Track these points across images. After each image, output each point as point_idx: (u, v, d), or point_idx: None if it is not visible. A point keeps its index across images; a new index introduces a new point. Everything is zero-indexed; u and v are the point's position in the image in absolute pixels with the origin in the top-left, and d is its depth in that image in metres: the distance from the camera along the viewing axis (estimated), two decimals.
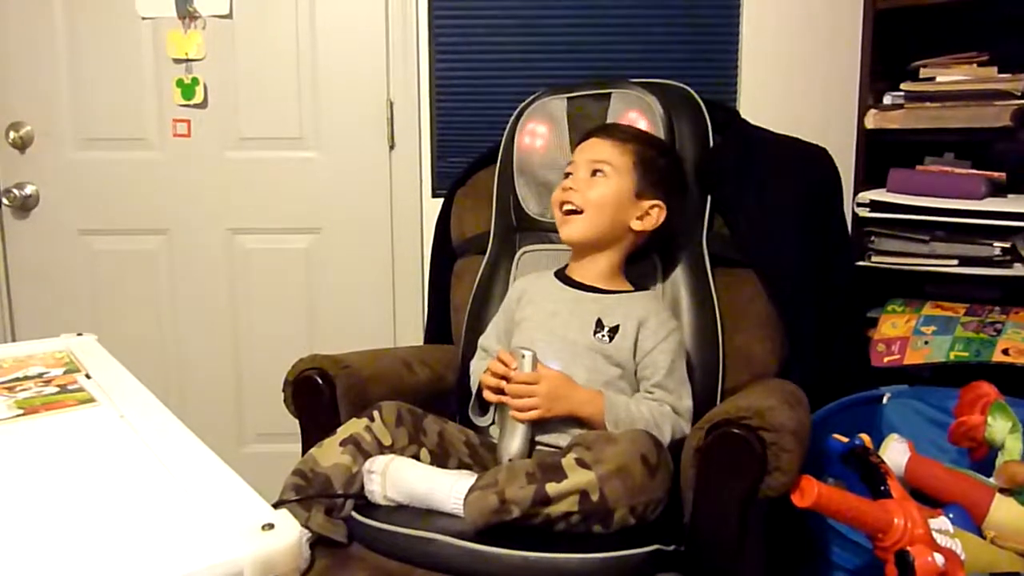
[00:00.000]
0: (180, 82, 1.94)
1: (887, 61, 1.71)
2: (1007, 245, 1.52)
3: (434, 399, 1.42)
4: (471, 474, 1.10)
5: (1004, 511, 1.15)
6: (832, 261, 1.50)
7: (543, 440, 1.23)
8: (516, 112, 1.57)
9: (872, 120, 1.68)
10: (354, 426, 1.16)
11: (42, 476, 0.68)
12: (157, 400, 0.86)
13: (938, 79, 1.62)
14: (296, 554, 0.54)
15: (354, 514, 1.11)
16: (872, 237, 1.67)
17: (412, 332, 2.03)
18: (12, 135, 1.94)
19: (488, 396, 1.26)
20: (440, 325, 1.69)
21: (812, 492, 0.98)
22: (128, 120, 1.96)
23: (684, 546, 1.08)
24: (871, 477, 1.06)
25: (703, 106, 1.48)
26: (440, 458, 1.20)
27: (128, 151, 1.97)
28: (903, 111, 1.66)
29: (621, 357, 1.25)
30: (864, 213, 1.65)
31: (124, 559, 0.53)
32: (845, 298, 1.54)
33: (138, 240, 2.02)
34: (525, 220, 1.53)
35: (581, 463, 1.02)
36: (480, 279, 1.56)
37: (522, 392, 1.20)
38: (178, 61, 1.93)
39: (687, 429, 1.20)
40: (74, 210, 1.99)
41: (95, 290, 2.03)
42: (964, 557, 1.00)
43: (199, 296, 2.04)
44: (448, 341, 1.64)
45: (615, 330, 1.26)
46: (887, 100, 1.71)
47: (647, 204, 1.31)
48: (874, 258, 1.67)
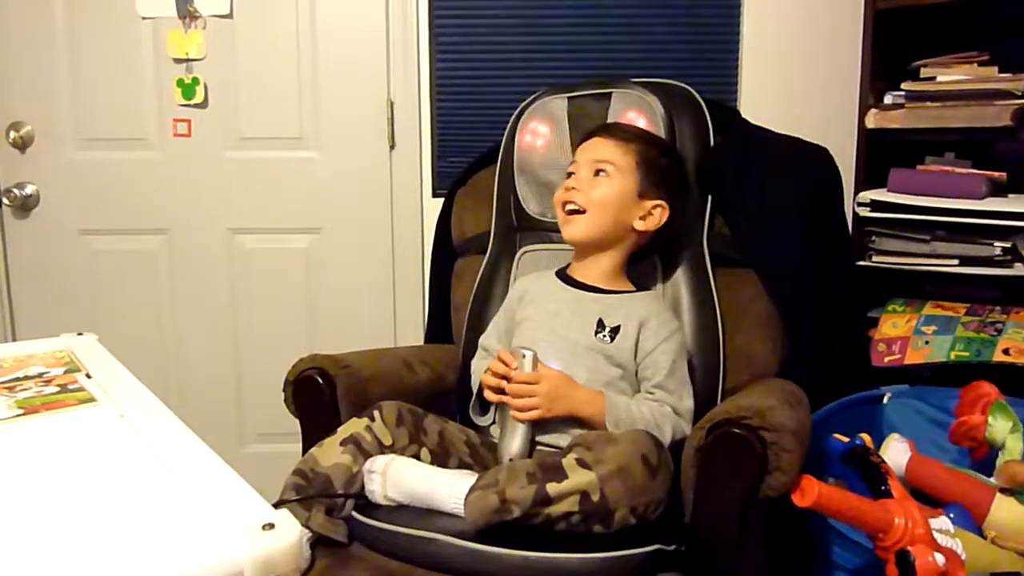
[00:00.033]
0: (180, 82, 1.94)
1: (888, 61, 1.71)
2: (1008, 245, 1.52)
3: (434, 399, 1.42)
4: (471, 474, 1.10)
5: (1005, 511, 1.15)
6: (832, 261, 1.50)
7: (543, 440, 1.23)
8: (517, 112, 1.56)
9: (873, 120, 1.68)
10: (354, 426, 1.16)
11: (42, 476, 0.68)
12: (157, 400, 0.86)
13: (939, 79, 1.62)
14: (296, 554, 0.54)
15: (354, 514, 1.11)
16: (873, 237, 1.67)
17: (412, 332, 2.03)
18: (12, 135, 1.94)
19: (488, 396, 1.25)
20: (440, 325, 1.69)
21: (812, 492, 0.98)
22: (128, 120, 1.96)
23: (685, 546, 1.08)
24: (872, 477, 1.06)
25: (704, 106, 1.48)
26: (440, 458, 1.20)
27: (128, 151, 1.98)
28: (904, 111, 1.66)
29: (622, 357, 1.25)
30: (865, 213, 1.65)
31: (124, 559, 0.53)
32: (845, 298, 1.54)
33: (138, 240, 2.02)
34: (525, 220, 1.53)
35: (582, 463, 1.02)
36: (480, 279, 1.56)
37: (522, 392, 1.20)
38: (178, 61, 1.93)
39: (688, 430, 1.20)
40: (74, 210, 1.99)
41: (95, 290, 2.03)
42: (965, 557, 1.00)
43: (199, 296, 2.04)
44: (448, 341, 1.64)
45: (616, 330, 1.26)
46: (888, 100, 1.71)
47: (650, 204, 1.30)
48: (875, 258, 1.67)
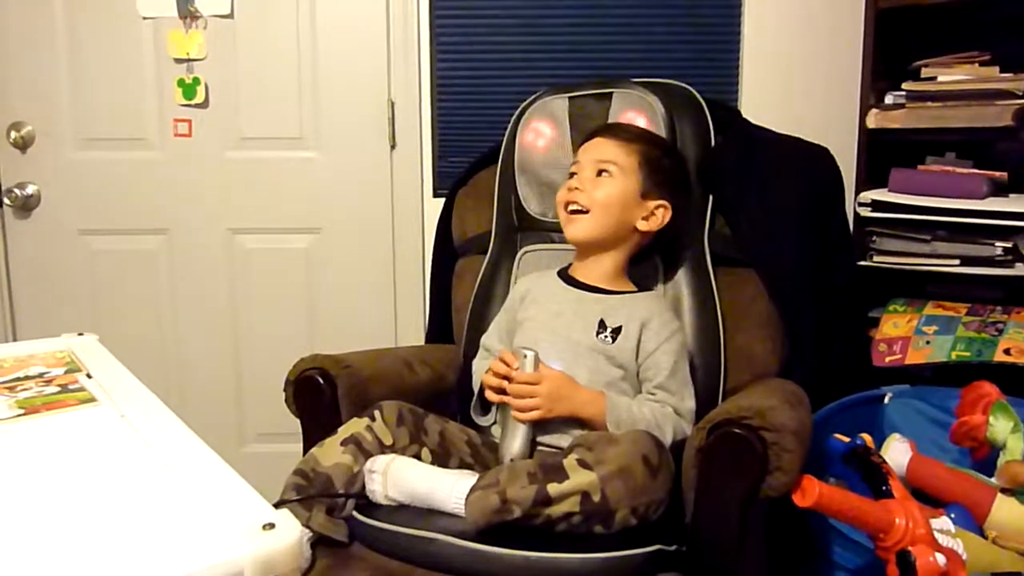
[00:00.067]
0: (181, 82, 1.94)
1: (888, 61, 1.71)
2: (1009, 245, 1.51)
3: (435, 399, 1.42)
4: (472, 474, 1.10)
5: (1006, 511, 1.15)
6: (833, 261, 1.50)
7: (544, 441, 1.23)
8: (517, 112, 1.56)
9: (873, 120, 1.68)
10: (355, 426, 1.16)
11: (43, 476, 0.68)
12: (158, 400, 0.86)
13: (939, 79, 1.62)
14: (297, 554, 0.54)
15: (355, 514, 1.11)
16: (873, 237, 1.67)
17: (413, 332, 2.03)
18: (13, 135, 1.94)
19: (490, 396, 1.25)
20: (441, 325, 1.69)
21: (813, 492, 0.97)
22: (129, 120, 1.96)
23: (686, 546, 1.08)
24: (872, 477, 1.06)
25: (704, 106, 1.48)
26: (441, 458, 1.20)
27: (129, 151, 1.98)
28: (904, 111, 1.66)
29: (624, 358, 1.25)
30: (865, 213, 1.65)
31: (124, 559, 0.53)
32: (846, 298, 1.54)
33: (139, 240, 2.02)
34: (526, 220, 1.53)
35: (583, 464, 1.02)
36: (481, 279, 1.56)
37: (524, 392, 1.20)
38: (179, 61, 1.93)
39: (689, 430, 1.20)
40: (75, 210, 1.99)
41: (96, 290, 2.03)
42: (966, 557, 1.00)
43: (200, 296, 2.04)
44: (449, 341, 1.64)
45: (618, 331, 1.26)
46: (888, 100, 1.71)
47: (652, 204, 1.30)
48: (876, 258, 1.67)
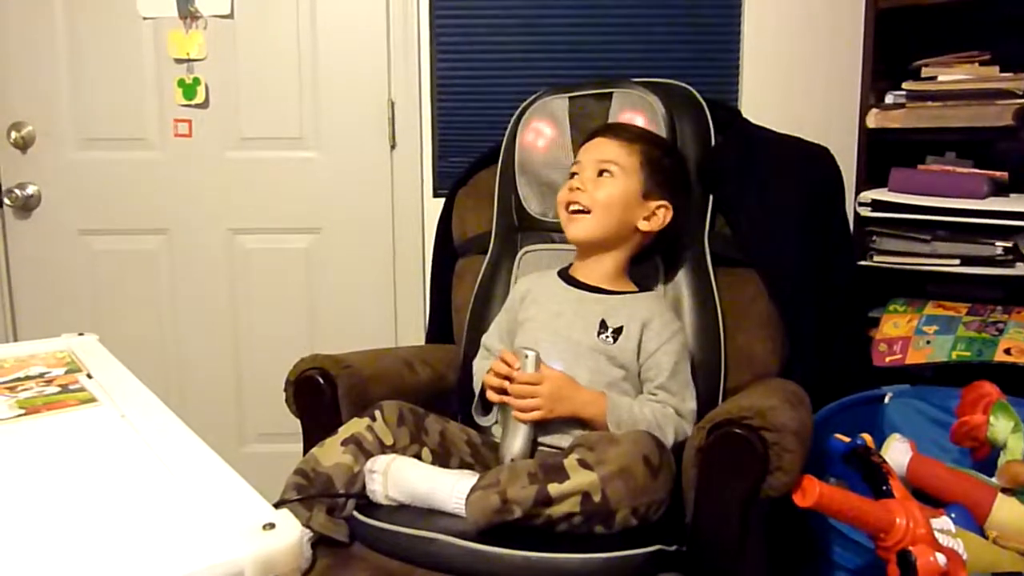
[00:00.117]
0: (181, 82, 1.94)
1: (889, 60, 1.71)
2: (1009, 244, 1.51)
3: (435, 399, 1.42)
4: (473, 474, 1.10)
5: (1006, 511, 1.15)
6: (834, 261, 1.50)
7: (545, 441, 1.22)
8: (517, 112, 1.56)
9: (874, 119, 1.68)
10: (356, 425, 1.16)
11: (43, 476, 0.68)
12: (158, 400, 0.85)
13: (940, 78, 1.62)
14: (297, 554, 0.54)
15: (356, 514, 1.11)
16: (874, 237, 1.67)
17: (413, 332, 2.03)
18: (14, 135, 1.94)
19: (491, 396, 1.25)
20: (441, 325, 1.69)
21: (814, 492, 0.97)
22: (129, 120, 1.96)
23: (686, 546, 1.08)
24: (873, 477, 1.06)
25: (705, 106, 1.48)
26: (442, 458, 1.20)
27: (129, 151, 1.98)
28: (905, 110, 1.66)
29: (625, 358, 1.25)
30: (866, 212, 1.65)
31: (124, 559, 0.53)
32: (847, 298, 1.54)
33: (139, 240, 2.02)
34: (527, 220, 1.53)
35: (583, 464, 1.02)
36: (482, 279, 1.56)
37: (525, 392, 1.20)
38: (179, 61, 1.93)
39: (690, 431, 1.19)
40: (75, 210, 1.99)
41: (96, 290, 2.03)
42: (966, 557, 1.00)
43: (200, 296, 2.04)
44: (449, 341, 1.64)
45: (619, 331, 1.26)
46: (889, 99, 1.71)
47: (654, 204, 1.30)
48: (876, 258, 1.67)
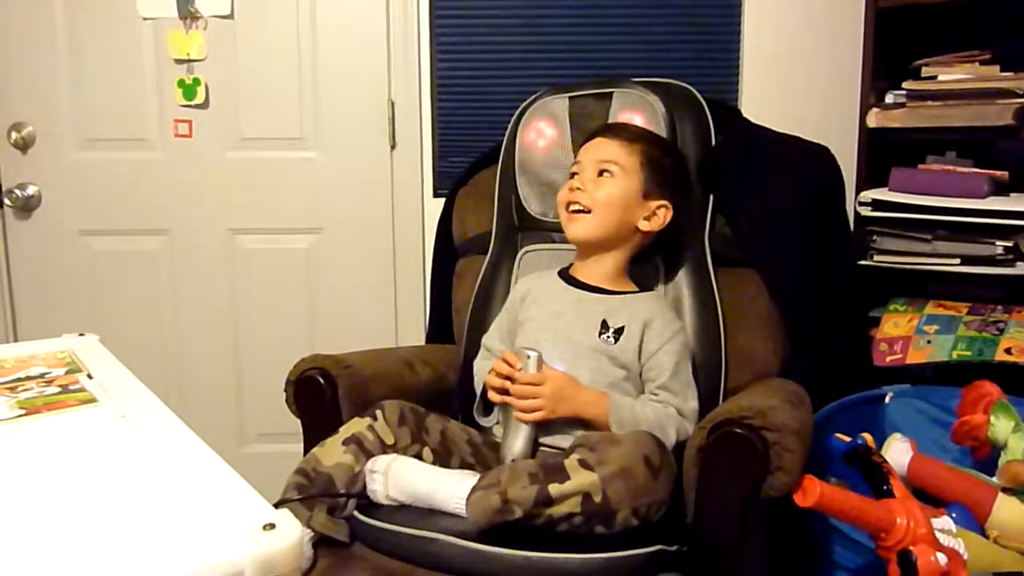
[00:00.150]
0: (181, 82, 1.94)
1: (889, 60, 1.71)
2: (1010, 244, 1.51)
3: (436, 399, 1.42)
4: (473, 474, 1.09)
5: (1007, 510, 1.15)
6: (834, 260, 1.50)
7: (546, 441, 1.22)
8: (518, 111, 1.56)
9: (874, 119, 1.68)
10: (357, 425, 1.16)
11: (44, 476, 0.68)
12: (158, 400, 0.86)
13: (940, 78, 1.62)
14: (297, 554, 0.54)
15: (356, 514, 1.11)
16: (874, 236, 1.67)
17: (413, 332, 2.03)
18: (14, 136, 1.95)
19: (492, 396, 1.25)
20: (442, 325, 1.69)
21: (814, 492, 0.97)
22: (129, 120, 1.96)
23: (687, 546, 1.08)
24: (873, 476, 1.06)
25: (705, 105, 1.48)
26: (443, 457, 1.20)
27: (129, 151, 1.98)
28: (905, 110, 1.66)
29: (626, 358, 1.25)
30: (866, 212, 1.65)
31: (124, 559, 0.53)
32: (847, 297, 1.54)
33: (139, 240, 2.02)
34: (527, 220, 1.53)
35: (584, 464, 1.02)
36: (482, 279, 1.56)
37: (527, 393, 1.20)
38: (179, 61, 1.93)
39: (692, 431, 1.19)
40: (75, 210, 1.99)
41: (96, 290, 2.03)
42: (967, 557, 1.00)
43: (200, 296, 2.04)
44: (450, 341, 1.64)
45: (620, 331, 1.26)
46: (889, 99, 1.71)
47: (654, 204, 1.30)
48: (876, 257, 1.66)
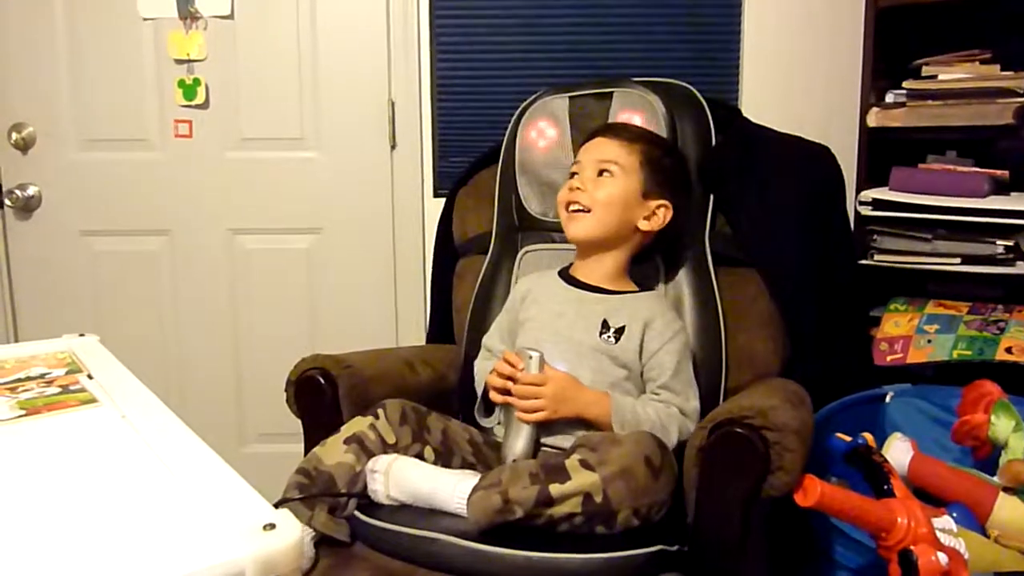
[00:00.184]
0: (182, 83, 1.94)
1: (889, 59, 1.71)
2: (1010, 243, 1.51)
3: (436, 399, 1.42)
4: (474, 474, 1.09)
5: (1008, 510, 1.15)
6: (834, 260, 1.50)
7: (548, 442, 1.22)
8: (518, 111, 1.56)
9: (874, 118, 1.68)
10: (358, 424, 1.16)
11: (44, 476, 0.68)
12: (159, 400, 0.86)
13: (940, 77, 1.62)
14: (298, 554, 0.54)
15: (357, 513, 1.11)
16: (874, 236, 1.67)
17: (414, 332, 2.03)
18: (14, 136, 1.95)
19: (494, 397, 1.25)
20: (442, 325, 1.69)
21: (815, 491, 0.97)
22: (130, 121, 1.96)
23: (687, 546, 1.08)
24: (874, 476, 1.06)
25: (705, 105, 1.48)
26: (444, 457, 1.20)
27: (129, 152, 1.98)
28: (905, 109, 1.66)
29: (627, 358, 1.25)
30: (866, 212, 1.65)
31: (124, 559, 0.53)
32: (847, 297, 1.54)
33: (139, 241, 2.02)
34: (527, 220, 1.53)
35: (585, 464, 1.02)
36: (482, 279, 1.56)
37: (528, 393, 1.20)
38: (179, 62, 1.93)
39: (694, 430, 1.19)
40: (76, 211, 2.00)
41: (97, 291, 2.03)
42: (968, 556, 0.99)
43: (200, 296, 2.04)
44: (450, 341, 1.64)
45: (621, 331, 1.26)
46: (889, 98, 1.71)
47: (654, 204, 1.30)
48: (876, 257, 1.66)
